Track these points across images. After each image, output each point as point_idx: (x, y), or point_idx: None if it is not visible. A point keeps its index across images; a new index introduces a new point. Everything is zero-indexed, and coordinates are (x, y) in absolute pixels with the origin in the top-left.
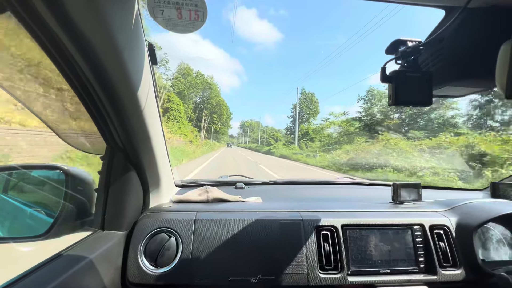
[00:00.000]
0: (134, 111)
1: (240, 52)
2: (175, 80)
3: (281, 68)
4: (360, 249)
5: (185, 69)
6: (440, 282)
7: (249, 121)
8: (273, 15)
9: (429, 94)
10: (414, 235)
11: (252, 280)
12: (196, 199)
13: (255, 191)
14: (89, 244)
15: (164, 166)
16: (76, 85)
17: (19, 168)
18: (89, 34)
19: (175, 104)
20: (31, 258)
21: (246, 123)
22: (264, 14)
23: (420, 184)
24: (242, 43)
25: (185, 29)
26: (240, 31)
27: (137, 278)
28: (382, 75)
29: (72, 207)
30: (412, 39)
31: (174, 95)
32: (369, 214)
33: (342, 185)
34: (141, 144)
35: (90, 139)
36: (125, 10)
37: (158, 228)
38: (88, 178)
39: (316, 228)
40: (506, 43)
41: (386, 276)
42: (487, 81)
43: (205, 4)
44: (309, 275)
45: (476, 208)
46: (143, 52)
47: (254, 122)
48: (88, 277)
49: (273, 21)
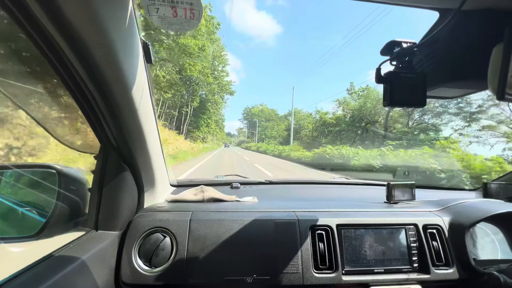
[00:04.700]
0: (129, 110)
1: (237, 46)
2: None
3: (280, 64)
4: (354, 249)
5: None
6: (433, 281)
7: (258, 107)
8: (271, 5)
9: (423, 95)
10: (408, 234)
11: (247, 279)
12: (191, 199)
13: (251, 190)
14: (82, 244)
15: (159, 165)
16: (69, 83)
17: (10, 167)
18: (83, 33)
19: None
20: (22, 258)
21: (252, 109)
22: (262, 5)
23: (414, 184)
24: (238, 37)
25: (181, 27)
26: (236, 24)
27: (131, 278)
28: (377, 76)
29: (65, 207)
30: (407, 40)
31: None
32: (364, 213)
33: (337, 185)
34: (135, 143)
35: (83, 138)
36: (120, 8)
37: (152, 228)
38: (81, 177)
39: (311, 227)
40: (498, 45)
41: (380, 275)
42: (480, 83)
43: (201, 2)
44: (304, 274)
45: (468, 208)
46: (137, 51)
47: (266, 108)
48: (81, 278)
49: (272, 12)
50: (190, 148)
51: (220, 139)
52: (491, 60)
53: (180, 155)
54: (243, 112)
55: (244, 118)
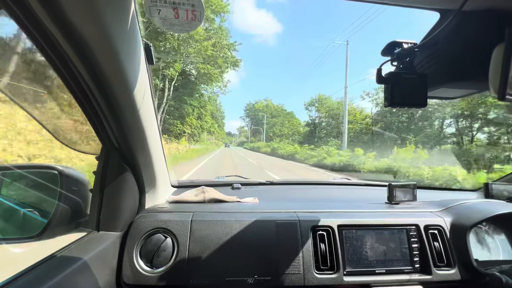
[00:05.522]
0: (130, 111)
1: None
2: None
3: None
4: (356, 249)
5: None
6: (435, 282)
7: (262, 102)
8: (271, 3)
9: (424, 96)
10: (409, 235)
11: (249, 280)
12: (192, 200)
13: (252, 191)
14: (84, 245)
15: (160, 166)
16: (72, 85)
17: (12, 168)
18: (85, 34)
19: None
20: (24, 259)
21: (256, 105)
22: (262, 3)
23: (416, 184)
24: (239, 36)
25: (182, 28)
26: (237, 22)
27: (133, 279)
28: (378, 77)
29: (67, 207)
30: (408, 41)
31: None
32: (365, 214)
33: (338, 186)
34: (137, 144)
35: (85, 139)
36: (122, 9)
37: (154, 228)
38: (83, 178)
39: (313, 228)
40: (499, 46)
41: (382, 276)
42: (481, 83)
43: (202, 4)
44: (305, 275)
45: (470, 209)
46: (139, 52)
47: (272, 104)
48: (82, 279)
49: (272, 10)
50: (167, 151)
51: (220, 138)
52: (492, 61)
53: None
54: (245, 109)
55: (247, 115)
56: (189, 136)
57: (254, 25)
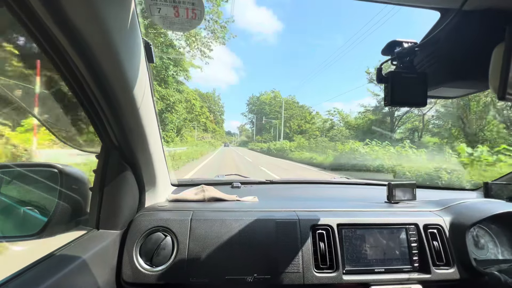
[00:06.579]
0: (130, 109)
1: (237, 44)
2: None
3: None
4: (355, 248)
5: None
6: (434, 281)
7: (269, 94)
8: (271, 1)
9: (424, 95)
10: (409, 234)
11: (248, 279)
12: (192, 198)
13: (252, 190)
14: (84, 244)
15: (160, 165)
16: (72, 83)
17: (12, 166)
18: (85, 33)
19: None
20: (24, 257)
21: (262, 97)
22: (262, 1)
23: (415, 184)
24: (239, 35)
25: (182, 27)
26: (236, 21)
27: (133, 277)
28: (378, 76)
29: (67, 206)
30: (408, 40)
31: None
32: (365, 213)
33: (338, 185)
34: (137, 142)
35: (85, 138)
36: (122, 8)
37: (153, 227)
38: (83, 177)
39: (312, 227)
40: (499, 45)
41: (381, 275)
42: (481, 83)
43: (203, 3)
44: (305, 274)
45: (469, 208)
46: (139, 51)
47: (280, 95)
48: (82, 277)
49: (272, 8)
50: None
51: (218, 137)
52: (492, 60)
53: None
54: (248, 103)
55: (250, 110)
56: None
57: (254, 23)
